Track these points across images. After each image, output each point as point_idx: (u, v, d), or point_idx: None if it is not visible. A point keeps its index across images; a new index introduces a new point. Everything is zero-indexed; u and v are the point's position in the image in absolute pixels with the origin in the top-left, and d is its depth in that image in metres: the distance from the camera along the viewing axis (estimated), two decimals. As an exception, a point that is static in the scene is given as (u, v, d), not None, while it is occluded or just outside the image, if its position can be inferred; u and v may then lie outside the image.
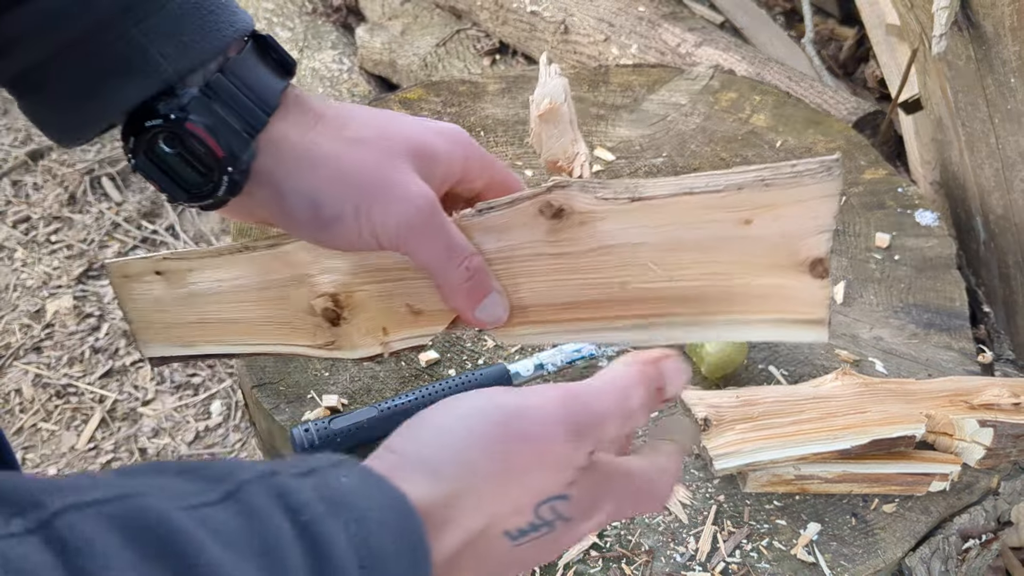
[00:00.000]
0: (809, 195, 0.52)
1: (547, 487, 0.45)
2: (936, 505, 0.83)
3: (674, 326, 0.56)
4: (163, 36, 0.52)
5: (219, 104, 0.54)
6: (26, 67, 0.53)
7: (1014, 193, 1.23)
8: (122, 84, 0.53)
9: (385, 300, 0.61)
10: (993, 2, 1.07)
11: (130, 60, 0.52)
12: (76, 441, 1.74)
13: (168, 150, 0.54)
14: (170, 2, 0.53)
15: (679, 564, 0.78)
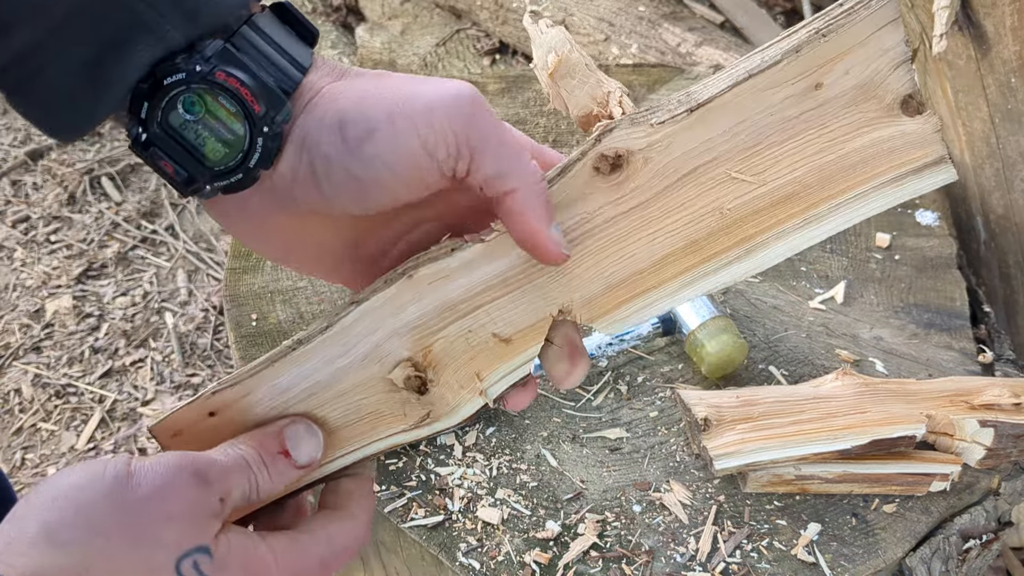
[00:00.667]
0: (869, 30, 0.48)
1: (184, 539, 0.43)
2: (936, 505, 0.83)
3: (787, 235, 0.51)
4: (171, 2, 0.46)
5: (248, 57, 0.47)
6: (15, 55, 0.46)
7: (1014, 193, 1.23)
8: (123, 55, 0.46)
9: (467, 339, 0.52)
10: (994, 2, 1.07)
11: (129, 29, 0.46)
12: (76, 441, 1.74)
13: (188, 117, 0.47)
14: None
15: (679, 564, 0.78)
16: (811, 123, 0.49)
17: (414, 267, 0.50)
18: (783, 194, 0.50)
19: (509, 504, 0.83)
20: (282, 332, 0.98)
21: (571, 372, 0.52)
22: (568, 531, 0.81)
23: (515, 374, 0.53)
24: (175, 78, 0.46)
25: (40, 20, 0.45)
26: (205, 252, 2.09)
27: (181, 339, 1.90)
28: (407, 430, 0.53)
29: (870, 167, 0.49)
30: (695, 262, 0.51)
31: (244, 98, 0.46)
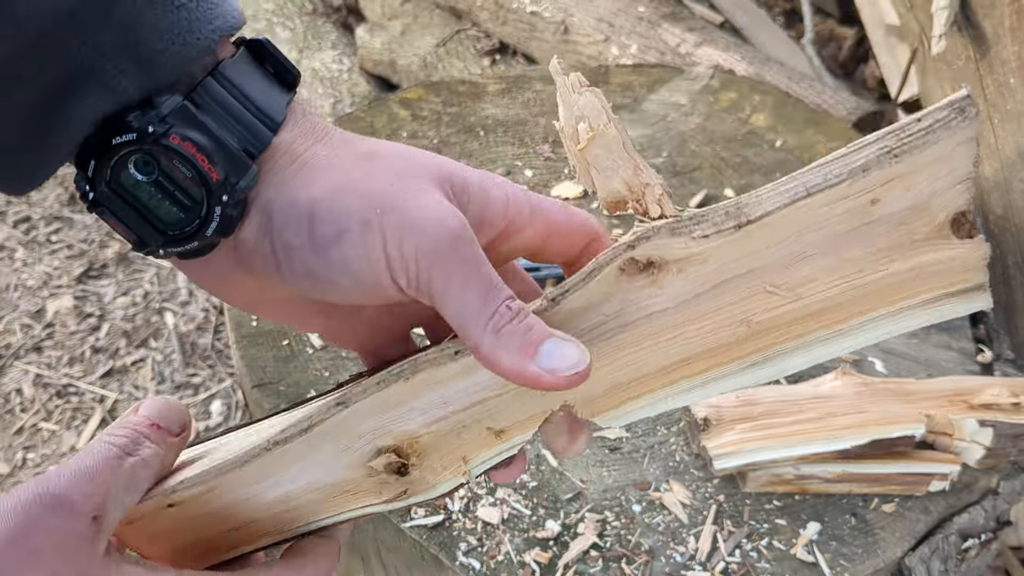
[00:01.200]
0: (945, 151, 0.44)
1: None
2: (936, 505, 0.83)
3: (809, 347, 0.47)
4: (118, 47, 0.40)
5: (210, 116, 0.42)
6: None
7: (1013, 193, 1.24)
8: (68, 108, 0.41)
9: (459, 433, 0.48)
10: (992, 2, 1.07)
11: (76, 79, 0.40)
12: (76, 441, 1.74)
13: (140, 177, 0.41)
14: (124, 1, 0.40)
15: (679, 564, 0.78)
16: (859, 239, 0.45)
17: (412, 371, 0.46)
18: (815, 309, 0.47)
19: (509, 504, 0.83)
20: (282, 331, 0.98)
21: (571, 445, 0.49)
22: (568, 531, 0.81)
23: (503, 455, 0.49)
24: (124, 138, 0.41)
25: None
26: (205, 252, 2.09)
27: (182, 339, 1.90)
28: (381, 503, 0.50)
29: (908, 288, 0.46)
30: (708, 366, 0.47)
31: (200, 165, 0.41)
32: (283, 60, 0.45)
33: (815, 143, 1.24)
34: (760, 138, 1.25)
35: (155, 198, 0.42)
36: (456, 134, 1.25)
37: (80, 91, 0.40)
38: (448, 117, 1.28)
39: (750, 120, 1.29)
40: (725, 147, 1.24)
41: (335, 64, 2.30)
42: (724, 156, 1.22)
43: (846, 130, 1.27)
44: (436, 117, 1.28)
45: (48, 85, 0.40)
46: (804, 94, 1.60)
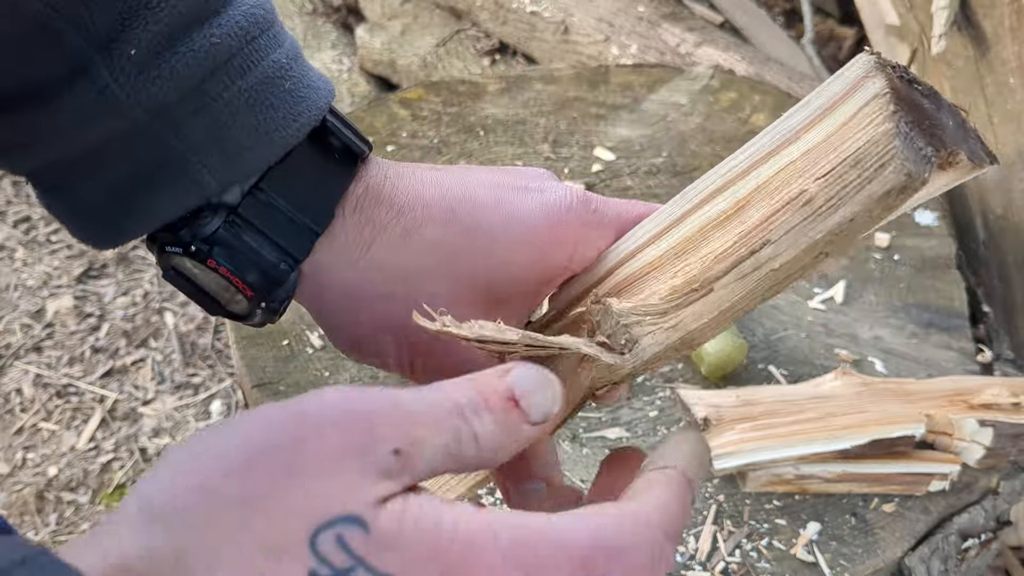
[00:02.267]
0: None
1: (326, 503, 0.28)
2: (936, 505, 0.83)
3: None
4: (207, 144, 0.42)
5: (251, 234, 0.43)
6: (47, 164, 0.43)
7: (1013, 193, 1.24)
8: (156, 195, 0.43)
9: None
10: (992, 2, 1.07)
11: (165, 169, 0.42)
12: (76, 441, 1.74)
13: (196, 270, 0.44)
14: (220, 98, 0.42)
15: (679, 564, 0.78)
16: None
17: None
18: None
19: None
20: (282, 331, 0.98)
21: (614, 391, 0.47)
22: (568, 530, 0.81)
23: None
24: (173, 250, 0.44)
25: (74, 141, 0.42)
26: (205, 252, 2.09)
27: (182, 339, 1.90)
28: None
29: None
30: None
31: (236, 286, 0.44)
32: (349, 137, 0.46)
33: (815, 143, 1.24)
34: (760, 138, 1.25)
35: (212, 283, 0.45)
36: (456, 134, 1.25)
37: (168, 181, 0.42)
38: (448, 117, 1.28)
39: (750, 120, 1.29)
40: (725, 147, 1.24)
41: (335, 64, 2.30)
42: (724, 156, 1.22)
43: (846, 130, 1.27)
44: (436, 117, 1.28)
45: (140, 171, 0.42)
46: (804, 94, 1.60)
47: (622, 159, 1.22)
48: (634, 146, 1.25)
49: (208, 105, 0.42)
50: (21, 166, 0.44)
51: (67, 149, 0.42)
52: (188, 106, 0.41)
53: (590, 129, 1.27)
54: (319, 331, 0.98)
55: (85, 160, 0.43)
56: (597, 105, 1.32)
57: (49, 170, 0.44)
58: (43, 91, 0.40)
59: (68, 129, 0.41)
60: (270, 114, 0.43)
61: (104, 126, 0.41)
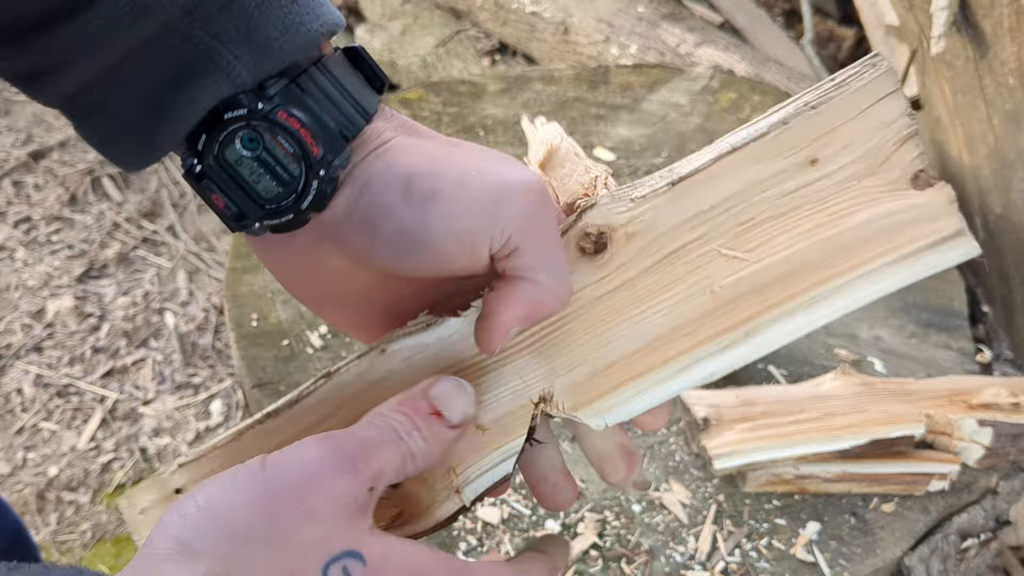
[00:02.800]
0: (865, 102, 0.45)
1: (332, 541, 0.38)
2: (935, 505, 0.84)
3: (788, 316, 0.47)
4: (236, 35, 0.44)
5: (312, 99, 0.46)
6: (80, 86, 0.45)
7: (1013, 193, 1.24)
8: (189, 92, 0.45)
9: None
10: (992, 3, 1.07)
11: (197, 65, 0.44)
12: (77, 441, 1.74)
13: (245, 152, 0.45)
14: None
15: (679, 564, 0.79)
16: (808, 198, 0.46)
17: (387, 341, 0.47)
18: (780, 272, 0.46)
19: (509, 504, 0.83)
20: (282, 331, 0.98)
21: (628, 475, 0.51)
22: (568, 530, 0.81)
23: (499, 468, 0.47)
24: (235, 113, 0.45)
25: (107, 53, 0.44)
26: (206, 252, 2.09)
27: (182, 339, 1.90)
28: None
29: (876, 243, 0.46)
30: (688, 346, 0.47)
31: (303, 139, 0.45)
32: (375, 66, 0.50)
33: (815, 143, 1.24)
34: (760, 138, 1.26)
35: (256, 172, 0.46)
36: (456, 134, 1.25)
37: (200, 76, 0.45)
38: (448, 117, 1.29)
39: (750, 120, 1.29)
40: (725, 147, 1.24)
41: (335, 64, 2.30)
42: (724, 156, 1.23)
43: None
44: (436, 117, 1.28)
45: (172, 71, 0.44)
46: (804, 94, 1.60)
47: (622, 159, 1.22)
48: (634, 146, 1.25)
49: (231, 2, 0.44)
50: (55, 92, 0.46)
51: (99, 62, 0.44)
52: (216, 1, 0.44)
53: (590, 129, 1.28)
54: (319, 331, 0.98)
55: (117, 72, 0.44)
56: (597, 105, 1.32)
57: (82, 93, 0.46)
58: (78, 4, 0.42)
59: (101, 40, 0.43)
60: (293, 8, 0.45)
61: (136, 30, 0.43)
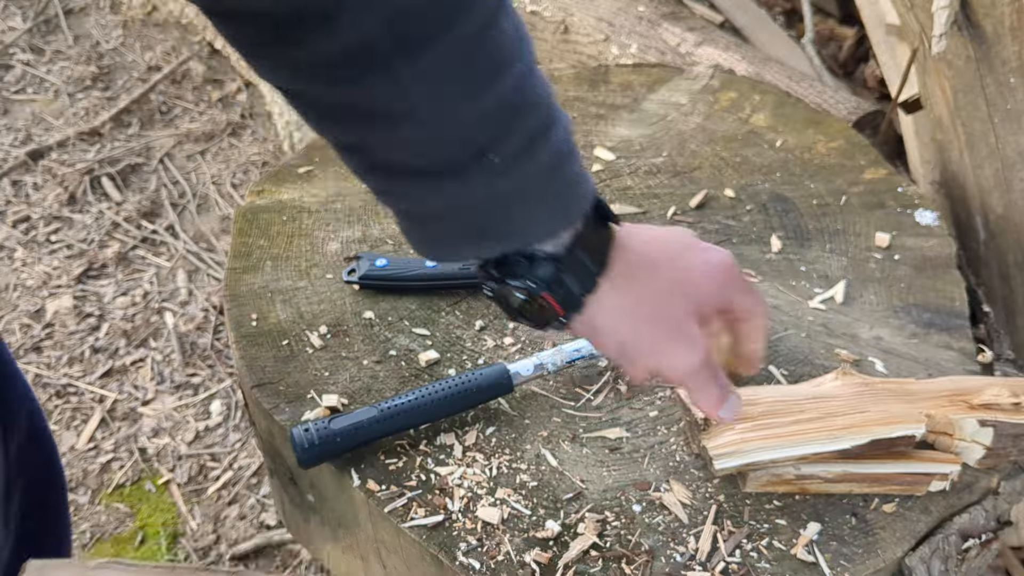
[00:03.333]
0: None
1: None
2: (936, 505, 0.83)
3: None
4: (527, 203, 0.62)
5: (568, 275, 0.64)
6: (406, 208, 0.65)
7: (1014, 193, 1.24)
8: (481, 241, 0.64)
9: None
10: (993, 2, 1.07)
11: (494, 222, 0.62)
12: (76, 441, 1.74)
13: (519, 296, 0.66)
14: (561, 175, 0.62)
15: (679, 564, 0.78)
16: None
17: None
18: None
19: (509, 504, 0.83)
20: (282, 331, 0.98)
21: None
22: (568, 531, 0.81)
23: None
24: (514, 283, 0.65)
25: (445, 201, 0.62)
26: (205, 252, 2.09)
27: (181, 339, 1.90)
28: None
29: None
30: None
31: (555, 309, 0.66)
32: (609, 211, 0.68)
33: (815, 143, 1.24)
34: (760, 138, 1.25)
35: (522, 305, 0.68)
36: (456, 134, 1.25)
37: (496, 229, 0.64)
38: (448, 117, 1.28)
39: (750, 120, 1.29)
40: (725, 147, 1.24)
41: (335, 64, 2.30)
42: (724, 156, 1.22)
43: (846, 130, 1.27)
44: (436, 117, 1.28)
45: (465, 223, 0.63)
46: (804, 94, 1.60)
47: (622, 159, 1.22)
48: (634, 146, 1.24)
49: (553, 181, 0.62)
50: (391, 206, 0.66)
51: (433, 204, 0.62)
52: (540, 182, 0.62)
53: (590, 129, 1.27)
54: (319, 331, 0.98)
55: (443, 212, 0.63)
56: (597, 105, 1.32)
57: (411, 213, 0.65)
58: (442, 171, 0.60)
59: (444, 194, 0.61)
60: (570, 191, 0.64)
61: (478, 194, 0.61)
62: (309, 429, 0.84)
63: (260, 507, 1.63)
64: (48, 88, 2.53)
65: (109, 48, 2.64)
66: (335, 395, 0.91)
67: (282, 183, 1.18)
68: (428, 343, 0.97)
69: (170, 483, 1.67)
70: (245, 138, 2.38)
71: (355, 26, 0.54)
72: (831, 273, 1.06)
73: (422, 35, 0.55)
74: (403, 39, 0.55)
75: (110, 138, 2.36)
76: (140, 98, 2.43)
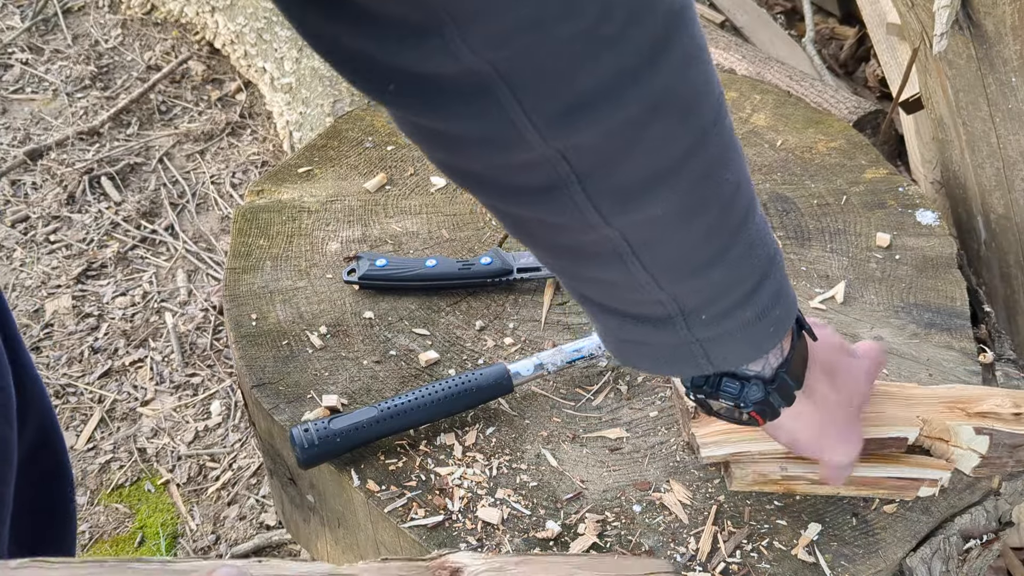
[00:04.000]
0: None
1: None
2: (937, 505, 0.83)
3: None
4: (726, 345, 0.63)
5: (775, 396, 0.68)
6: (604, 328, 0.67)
7: (1015, 192, 1.23)
8: (681, 369, 0.68)
9: None
10: (994, 1, 1.07)
11: (694, 358, 0.64)
12: (75, 441, 1.74)
13: (726, 404, 0.70)
14: (758, 322, 0.63)
15: (679, 564, 0.78)
16: None
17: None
18: None
19: (509, 504, 0.83)
20: (281, 331, 0.98)
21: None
22: (568, 531, 0.81)
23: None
24: (725, 397, 0.68)
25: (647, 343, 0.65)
26: (205, 252, 2.08)
27: (181, 339, 1.90)
28: None
29: None
30: None
31: (757, 422, 0.71)
32: (806, 324, 0.71)
33: (816, 142, 1.24)
34: (761, 137, 1.25)
35: (724, 411, 0.72)
36: (456, 133, 1.25)
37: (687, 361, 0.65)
38: (448, 116, 1.28)
39: (751, 119, 1.28)
40: (725, 146, 1.24)
41: (334, 63, 2.29)
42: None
43: (846, 129, 1.27)
44: (436, 116, 1.28)
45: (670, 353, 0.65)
46: (805, 93, 1.60)
47: (622, 158, 1.22)
48: (634, 145, 1.24)
49: (761, 323, 0.63)
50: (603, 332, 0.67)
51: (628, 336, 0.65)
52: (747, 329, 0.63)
53: (590, 128, 1.27)
54: (319, 331, 0.98)
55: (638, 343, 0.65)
56: (597, 104, 1.31)
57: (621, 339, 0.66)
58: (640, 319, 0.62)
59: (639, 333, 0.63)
60: (782, 324, 0.65)
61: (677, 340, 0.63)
62: (309, 429, 0.83)
63: (260, 507, 1.63)
64: (47, 87, 2.52)
65: (108, 47, 2.63)
66: (335, 395, 0.91)
67: (282, 183, 1.18)
68: (428, 343, 0.97)
69: (169, 483, 1.67)
70: (244, 138, 2.38)
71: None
72: (831, 273, 1.06)
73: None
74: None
75: (109, 138, 2.35)
76: (139, 98, 2.43)
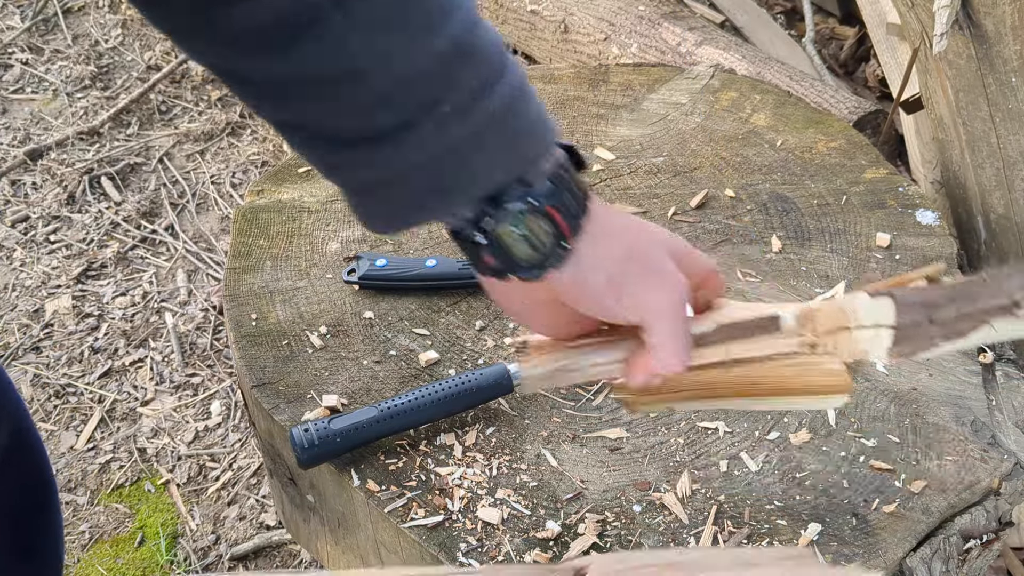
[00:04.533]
0: None
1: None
2: (937, 505, 0.83)
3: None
4: (484, 151, 0.59)
5: (566, 193, 0.62)
6: (358, 185, 0.62)
7: (1015, 192, 1.23)
8: (450, 195, 0.61)
9: None
10: (994, 1, 1.07)
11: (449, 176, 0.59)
12: (75, 441, 1.74)
13: (515, 231, 0.61)
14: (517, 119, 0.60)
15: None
16: None
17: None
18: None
19: (509, 504, 0.83)
20: (281, 331, 0.98)
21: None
22: (568, 531, 0.81)
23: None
24: (516, 206, 0.60)
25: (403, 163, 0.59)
26: (205, 252, 2.08)
27: (181, 339, 1.90)
28: None
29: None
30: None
31: (561, 229, 0.62)
32: (581, 155, 0.66)
33: (816, 142, 1.24)
34: (761, 137, 1.25)
35: (519, 244, 0.62)
36: (456, 133, 1.25)
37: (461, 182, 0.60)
38: (448, 116, 1.28)
39: (751, 119, 1.28)
40: (725, 147, 1.24)
41: (334, 63, 2.30)
42: (724, 156, 1.22)
43: (847, 129, 1.27)
44: (436, 116, 1.28)
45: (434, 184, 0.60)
46: (805, 93, 1.60)
47: (622, 159, 1.22)
48: (634, 146, 1.24)
49: (509, 127, 0.59)
50: (342, 182, 0.62)
51: (388, 169, 0.59)
52: (497, 127, 0.59)
53: (590, 129, 1.27)
54: (319, 331, 0.98)
55: (399, 175, 0.59)
56: (597, 105, 1.31)
57: (365, 184, 0.61)
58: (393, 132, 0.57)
59: (399, 155, 0.58)
60: (541, 124, 0.62)
61: (432, 148, 0.58)
62: (309, 429, 0.83)
63: (260, 507, 1.63)
64: (47, 87, 2.52)
65: (108, 47, 2.63)
66: (335, 395, 0.91)
67: (282, 183, 1.18)
68: (428, 343, 0.97)
69: (169, 483, 1.67)
70: (244, 138, 2.38)
71: None
72: (832, 273, 1.06)
73: None
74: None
75: (109, 138, 2.35)
76: (139, 98, 2.43)
